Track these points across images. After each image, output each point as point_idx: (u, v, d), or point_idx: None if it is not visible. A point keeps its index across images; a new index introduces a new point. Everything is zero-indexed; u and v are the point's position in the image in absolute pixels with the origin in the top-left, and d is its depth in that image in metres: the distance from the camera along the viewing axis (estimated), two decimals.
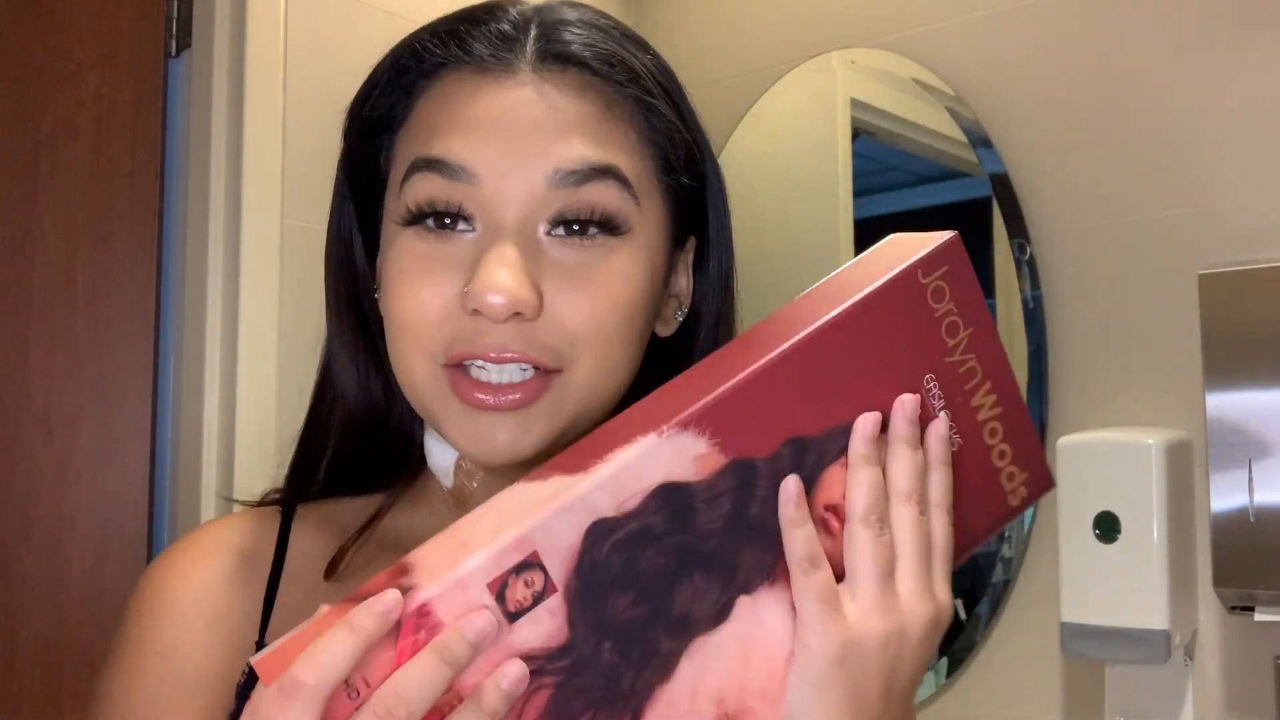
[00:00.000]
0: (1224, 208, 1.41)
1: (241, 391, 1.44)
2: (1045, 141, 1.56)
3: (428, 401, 0.56)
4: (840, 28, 1.77)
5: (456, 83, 0.56)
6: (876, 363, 0.48)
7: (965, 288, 0.50)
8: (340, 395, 0.64)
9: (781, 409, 0.46)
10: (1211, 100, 1.42)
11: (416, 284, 0.55)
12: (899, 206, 1.77)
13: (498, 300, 0.52)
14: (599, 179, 0.55)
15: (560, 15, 0.58)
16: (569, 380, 0.55)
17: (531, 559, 0.42)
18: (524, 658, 0.42)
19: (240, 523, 0.64)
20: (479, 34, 0.56)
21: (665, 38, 1.95)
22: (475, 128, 0.54)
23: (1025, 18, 1.58)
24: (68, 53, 1.42)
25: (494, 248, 0.53)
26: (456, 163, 0.54)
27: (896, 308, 0.48)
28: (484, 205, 0.54)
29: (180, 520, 1.45)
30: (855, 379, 0.48)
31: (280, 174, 1.48)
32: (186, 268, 1.49)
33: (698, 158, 0.62)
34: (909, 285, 0.49)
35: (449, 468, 0.63)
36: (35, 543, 1.37)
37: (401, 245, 0.56)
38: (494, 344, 0.53)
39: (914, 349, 0.49)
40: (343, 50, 1.54)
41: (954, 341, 0.50)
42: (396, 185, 0.57)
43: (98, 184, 1.43)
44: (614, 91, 0.57)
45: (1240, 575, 1.30)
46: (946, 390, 0.50)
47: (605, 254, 0.56)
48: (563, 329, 0.54)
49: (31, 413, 1.38)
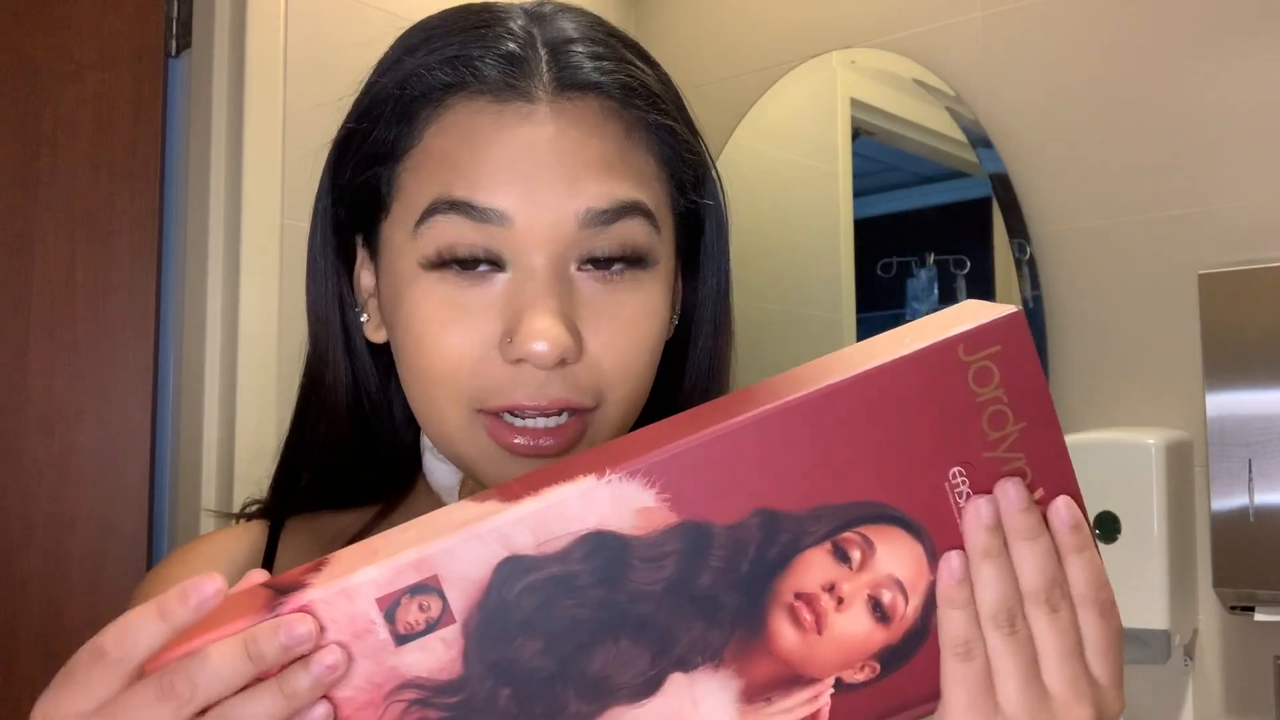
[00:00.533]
0: (1224, 208, 1.41)
1: (241, 392, 1.44)
2: (1045, 141, 1.56)
3: (461, 447, 0.55)
4: (840, 28, 1.77)
5: (472, 115, 0.53)
6: (888, 443, 0.42)
7: (1021, 374, 0.42)
8: (329, 405, 0.62)
9: (757, 474, 0.41)
10: (1211, 100, 1.42)
11: (446, 331, 0.53)
12: (899, 206, 1.77)
13: (544, 349, 0.51)
14: (627, 216, 0.54)
15: (564, 31, 0.56)
16: (603, 417, 0.55)
17: (430, 582, 0.39)
18: (410, 685, 0.40)
19: (228, 539, 0.63)
20: (488, 57, 0.54)
21: (665, 37, 1.95)
22: (501, 169, 0.52)
23: (1025, 18, 1.58)
24: (68, 53, 1.42)
25: (535, 295, 0.52)
26: (484, 205, 0.52)
27: (923, 385, 0.42)
28: (514, 247, 0.53)
29: (180, 520, 1.45)
30: (858, 457, 0.42)
31: (280, 174, 1.48)
32: (186, 268, 1.49)
33: (704, 175, 0.61)
34: (943, 361, 0.42)
35: (453, 487, 0.62)
36: (35, 543, 1.37)
37: (425, 289, 0.53)
38: (535, 393, 0.53)
39: (942, 435, 0.42)
40: (343, 50, 1.54)
41: (998, 435, 0.43)
42: (409, 220, 0.54)
43: (98, 184, 1.43)
44: (633, 117, 0.56)
45: (1240, 575, 1.30)
46: (978, 488, 0.43)
47: (634, 288, 0.55)
48: (600, 371, 0.54)
49: (31, 413, 1.38)
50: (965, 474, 0.43)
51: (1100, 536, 1.30)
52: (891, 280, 1.71)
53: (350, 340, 0.62)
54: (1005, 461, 0.43)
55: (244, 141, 1.45)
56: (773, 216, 1.85)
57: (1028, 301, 1.54)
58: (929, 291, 1.68)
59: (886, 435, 0.42)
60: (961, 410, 0.42)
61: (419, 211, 0.54)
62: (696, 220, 0.62)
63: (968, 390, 0.42)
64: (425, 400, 0.56)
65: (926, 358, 0.42)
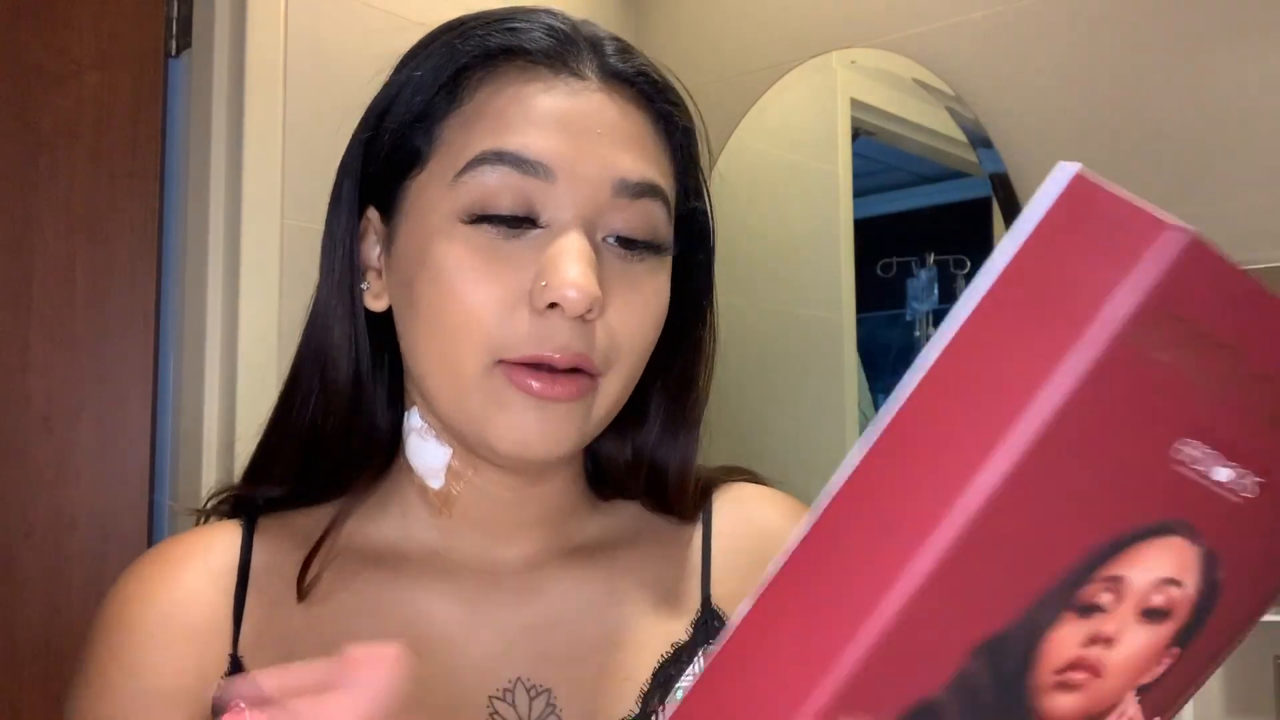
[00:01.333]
0: (1224, 208, 1.41)
1: (241, 391, 1.44)
2: (1045, 141, 1.56)
3: (473, 399, 0.56)
4: (840, 28, 1.77)
5: (525, 77, 0.56)
6: (1081, 492, 0.33)
7: (1212, 297, 0.31)
8: (330, 375, 0.62)
9: (953, 621, 0.32)
10: (1212, 100, 1.42)
11: (479, 280, 0.54)
12: (899, 206, 1.77)
13: (576, 295, 0.53)
14: (650, 196, 0.57)
15: (595, 32, 0.59)
16: (605, 387, 0.57)
17: None
18: None
19: (199, 537, 0.62)
20: (537, 31, 0.57)
21: (665, 37, 1.96)
22: (553, 126, 0.55)
23: (1025, 18, 1.58)
24: (68, 53, 1.42)
25: (569, 246, 0.54)
26: (534, 157, 0.54)
27: (1097, 410, 0.31)
28: (553, 203, 0.55)
29: (180, 520, 1.45)
30: (1054, 528, 0.33)
31: (280, 174, 1.48)
32: (186, 268, 1.49)
33: (702, 184, 0.64)
34: (1114, 369, 0.30)
35: (440, 468, 0.61)
36: (35, 543, 1.37)
37: (461, 240, 0.55)
38: (561, 344, 0.54)
39: (1138, 434, 0.32)
40: (343, 50, 1.54)
41: (1216, 369, 0.32)
42: (448, 171, 0.56)
43: (98, 184, 1.43)
44: (658, 112, 0.59)
45: None
46: (1222, 440, 0.34)
47: (651, 270, 0.58)
48: (613, 335, 0.56)
49: (31, 412, 1.38)
50: (1197, 439, 0.34)
51: None
52: (891, 280, 1.71)
53: (355, 309, 0.62)
54: (1245, 389, 0.33)
55: (244, 141, 1.45)
56: (773, 216, 1.85)
57: None
58: (929, 291, 1.68)
59: (1075, 488, 0.32)
60: (1158, 382, 0.31)
61: (463, 162, 0.55)
62: (687, 226, 0.63)
63: (1152, 366, 0.31)
64: (442, 351, 0.56)
65: (1093, 383, 0.30)
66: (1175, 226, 0.29)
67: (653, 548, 0.66)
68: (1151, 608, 0.37)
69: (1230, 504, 0.36)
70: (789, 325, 1.82)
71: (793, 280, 1.83)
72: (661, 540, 0.66)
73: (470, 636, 0.60)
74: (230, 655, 0.58)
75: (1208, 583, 0.38)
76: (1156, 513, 0.35)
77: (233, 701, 0.40)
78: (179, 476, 1.47)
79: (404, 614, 0.60)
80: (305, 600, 0.60)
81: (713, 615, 0.63)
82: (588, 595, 0.62)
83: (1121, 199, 0.30)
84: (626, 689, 0.59)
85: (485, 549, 0.62)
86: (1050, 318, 0.30)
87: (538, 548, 0.63)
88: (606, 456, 0.66)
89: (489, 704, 0.58)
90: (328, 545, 0.61)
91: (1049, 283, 0.31)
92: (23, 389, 1.37)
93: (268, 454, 0.64)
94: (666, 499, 0.66)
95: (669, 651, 0.61)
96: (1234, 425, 0.34)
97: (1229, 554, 0.38)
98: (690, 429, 0.65)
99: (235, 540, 0.62)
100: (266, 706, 0.39)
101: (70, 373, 1.40)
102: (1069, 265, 0.30)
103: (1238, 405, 0.34)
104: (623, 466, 0.66)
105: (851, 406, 1.75)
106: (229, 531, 0.63)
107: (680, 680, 0.60)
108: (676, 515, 0.66)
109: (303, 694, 0.40)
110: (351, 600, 0.60)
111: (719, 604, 0.64)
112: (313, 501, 0.64)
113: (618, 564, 0.64)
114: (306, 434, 0.62)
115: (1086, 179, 0.31)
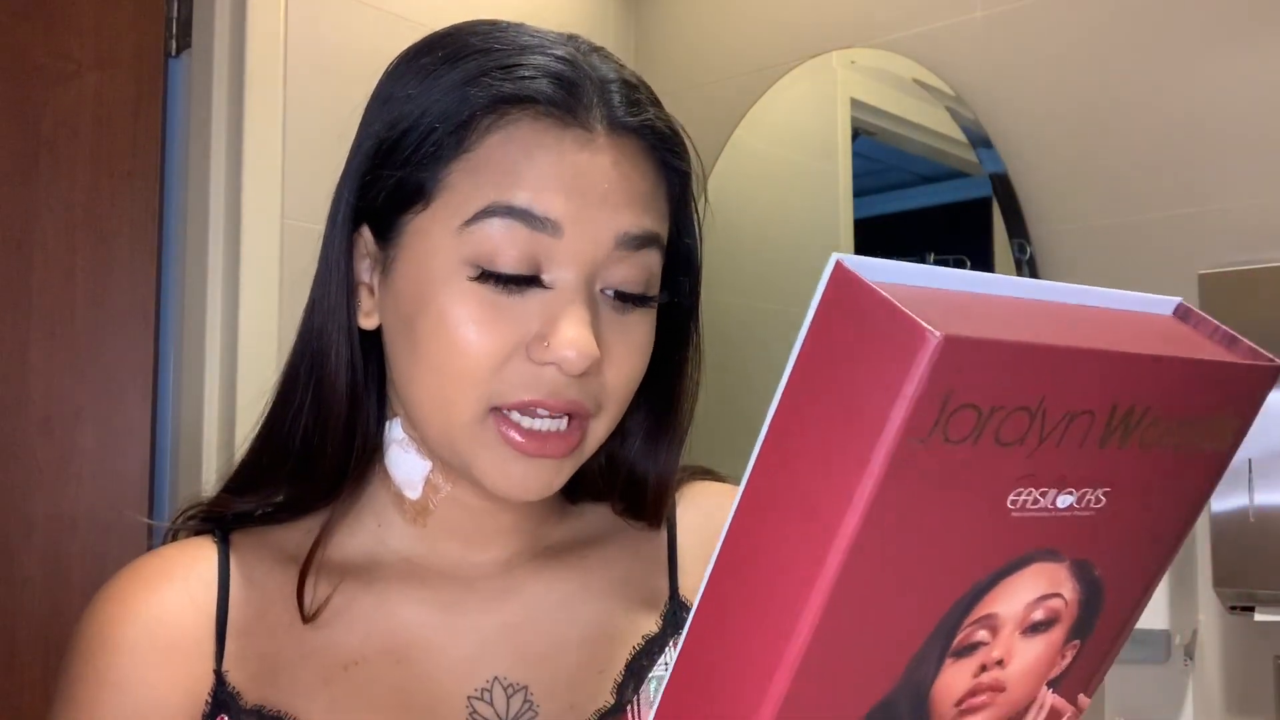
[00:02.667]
0: (1224, 208, 1.41)
1: (241, 391, 1.44)
2: (1045, 141, 1.56)
3: (463, 442, 0.57)
4: (840, 28, 1.77)
5: (537, 132, 0.56)
6: (923, 561, 0.34)
7: (990, 377, 0.32)
8: (325, 386, 0.62)
9: (833, 703, 0.34)
10: (1211, 100, 1.42)
11: (481, 332, 0.56)
12: (899, 206, 1.77)
13: (575, 357, 0.55)
14: (648, 246, 0.58)
15: (601, 72, 0.59)
16: (594, 428, 0.59)
17: None
18: None
19: (177, 553, 0.62)
20: (547, 79, 0.57)
21: (664, 38, 1.96)
22: (562, 185, 0.56)
23: (1025, 18, 1.58)
24: (68, 53, 1.42)
25: (572, 306, 0.56)
26: (543, 214, 0.55)
27: (903, 504, 0.32)
28: (559, 259, 0.56)
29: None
30: (901, 601, 0.34)
31: (280, 174, 1.48)
32: (186, 268, 1.49)
33: (694, 222, 0.65)
34: (904, 471, 0.31)
35: (419, 480, 0.63)
36: (35, 543, 1.37)
37: (463, 290, 0.56)
38: (554, 393, 0.56)
39: (963, 502, 0.33)
40: (343, 50, 1.54)
41: (1025, 427, 0.33)
42: (455, 218, 0.56)
43: (98, 184, 1.43)
44: (658, 160, 0.60)
45: (1240, 575, 1.30)
46: (1054, 478, 0.35)
47: (640, 317, 0.60)
48: (603, 384, 0.58)
49: (31, 412, 1.38)
50: (1026, 484, 0.35)
51: None
52: None
53: (351, 324, 0.62)
54: (1055, 429, 0.34)
55: (244, 141, 1.45)
56: (773, 216, 1.85)
57: None
58: None
59: (909, 570, 0.33)
60: (964, 471, 0.33)
61: (471, 211, 0.56)
62: (674, 257, 0.65)
63: (954, 450, 0.32)
64: (436, 394, 0.57)
65: (878, 493, 0.31)
66: (929, 332, 0.30)
67: (621, 546, 0.68)
68: (1034, 623, 0.39)
69: (1083, 519, 0.37)
70: (789, 325, 1.82)
71: (793, 280, 1.83)
72: (629, 538, 0.69)
73: (448, 640, 0.61)
74: (215, 671, 0.58)
75: (1086, 584, 0.40)
76: (1010, 554, 0.36)
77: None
78: (179, 476, 1.47)
79: (383, 623, 0.61)
80: (286, 613, 0.60)
81: (680, 606, 0.66)
82: (560, 593, 0.64)
83: (881, 296, 0.31)
84: (601, 681, 0.61)
85: (460, 555, 0.64)
86: (839, 430, 0.32)
87: (511, 551, 0.65)
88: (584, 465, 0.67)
89: (468, 704, 0.59)
90: (315, 562, 0.61)
91: (832, 389, 0.32)
92: (23, 389, 1.37)
93: (257, 468, 0.65)
94: (641, 508, 0.68)
95: (640, 643, 0.64)
96: (1060, 463, 0.35)
97: (1100, 556, 0.39)
98: (671, 445, 0.67)
99: (212, 557, 0.62)
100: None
101: (70, 373, 1.40)
102: (845, 372, 0.32)
103: (1058, 446, 0.35)
104: (597, 472, 0.68)
105: None
106: (204, 548, 0.63)
107: (653, 670, 0.63)
108: (646, 522, 0.68)
109: None
110: (332, 612, 0.61)
111: (686, 595, 0.67)
112: (286, 516, 0.64)
113: (588, 562, 0.66)
114: (299, 448, 0.63)
115: (846, 270, 0.33)
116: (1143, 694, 1.36)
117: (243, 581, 0.61)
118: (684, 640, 0.36)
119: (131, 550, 1.41)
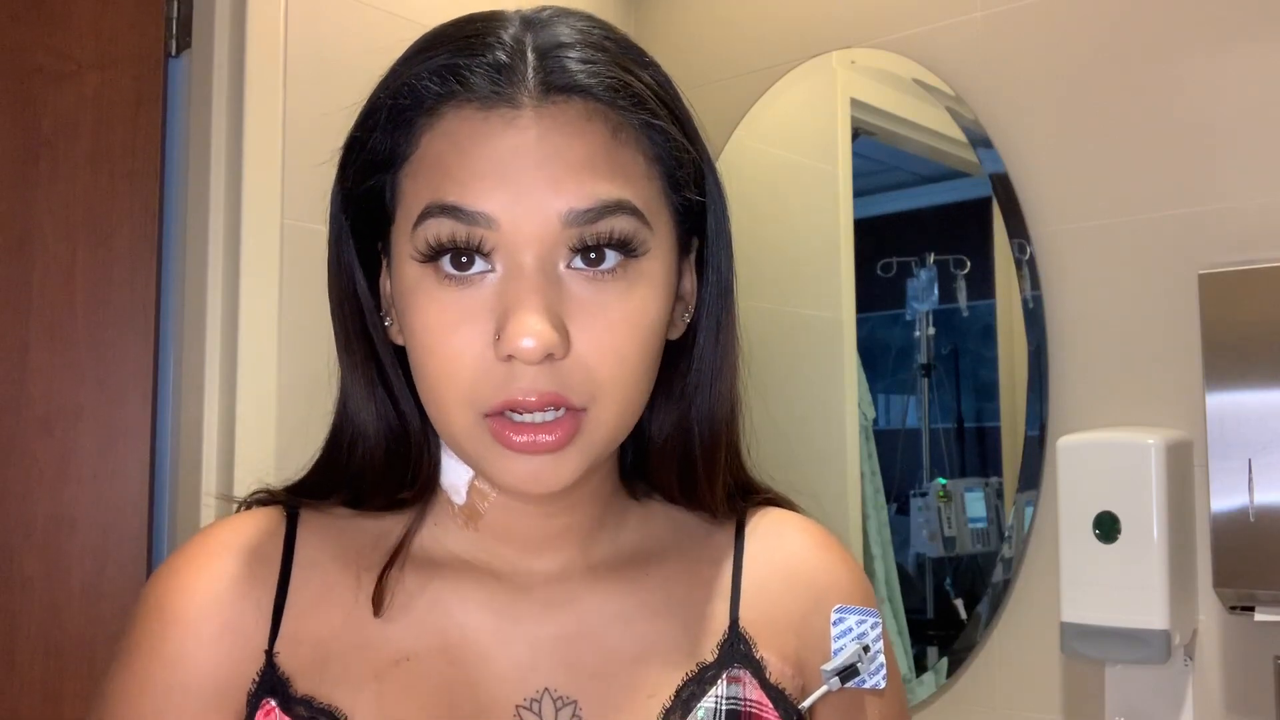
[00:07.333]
0: (1224, 208, 1.41)
1: (241, 391, 1.44)
2: (1045, 141, 1.56)
3: (469, 447, 0.57)
4: (840, 28, 1.77)
5: (460, 121, 0.55)
6: None
7: None
8: (359, 432, 0.64)
9: None
10: (1211, 100, 1.42)
11: (447, 337, 0.55)
12: (899, 206, 1.77)
13: (530, 345, 0.53)
14: (611, 214, 0.55)
15: (556, 36, 0.57)
16: (596, 417, 0.56)
17: None
18: None
19: (244, 524, 0.63)
20: (476, 67, 0.55)
21: (664, 38, 1.96)
22: (487, 173, 0.54)
23: (1025, 18, 1.58)
24: (68, 53, 1.42)
25: (521, 294, 0.54)
26: (472, 208, 0.54)
27: None
28: (503, 246, 0.55)
29: (180, 520, 1.45)
30: None
31: (280, 174, 1.48)
32: (186, 268, 1.49)
33: (702, 172, 0.62)
34: None
35: (463, 486, 0.63)
36: (35, 543, 1.37)
37: (425, 293, 0.56)
38: (527, 387, 0.54)
39: None
40: (343, 50, 1.54)
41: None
42: (407, 225, 0.57)
43: (98, 184, 1.43)
44: (619, 116, 0.57)
45: (1240, 575, 1.30)
46: None
47: (624, 290, 0.56)
48: (586, 369, 0.55)
49: (31, 413, 1.38)
50: None
51: (1100, 537, 1.31)
52: (891, 280, 1.71)
53: (371, 344, 0.63)
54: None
55: (244, 141, 1.45)
56: (773, 216, 1.85)
57: (1027, 301, 1.54)
58: (929, 291, 1.68)
59: None
60: None
61: (415, 215, 0.56)
62: (697, 219, 0.63)
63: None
64: (434, 404, 0.58)
65: None
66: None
67: (685, 562, 0.66)
68: None
69: None
70: (789, 325, 1.82)
71: (793, 280, 1.83)
72: (694, 552, 0.67)
73: (500, 645, 0.60)
74: (266, 652, 0.59)
75: None
76: None
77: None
78: (179, 476, 1.47)
79: (438, 621, 0.61)
80: (343, 600, 0.60)
81: (739, 638, 0.63)
82: (617, 609, 0.63)
83: None
84: (649, 706, 0.60)
85: (515, 561, 0.63)
86: None
87: (567, 559, 0.64)
88: (651, 433, 0.66)
89: (516, 713, 0.59)
90: (377, 552, 0.62)
91: None
92: (23, 389, 1.37)
93: (323, 480, 0.66)
94: (695, 492, 0.66)
95: (694, 670, 0.61)
96: None
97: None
98: (708, 413, 0.65)
99: (279, 532, 0.63)
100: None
101: (70, 373, 1.40)
102: None
103: None
104: (655, 456, 0.66)
105: (851, 406, 1.75)
106: (270, 520, 0.63)
107: (702, 700, 0.60)
108: (708, 510, 0.67)
109: None
110: (389, 607, 0.61)
111: (746, 628, 0.64)
112: (357, 508, 0.65)
113: (649, 579, 0.65)
114: (357, 468, 0.64)
115: None
116: (1143, 694, 1.36)
117: (305, 563, 0.62)
118: None
119: (131, 551, 1.42)
